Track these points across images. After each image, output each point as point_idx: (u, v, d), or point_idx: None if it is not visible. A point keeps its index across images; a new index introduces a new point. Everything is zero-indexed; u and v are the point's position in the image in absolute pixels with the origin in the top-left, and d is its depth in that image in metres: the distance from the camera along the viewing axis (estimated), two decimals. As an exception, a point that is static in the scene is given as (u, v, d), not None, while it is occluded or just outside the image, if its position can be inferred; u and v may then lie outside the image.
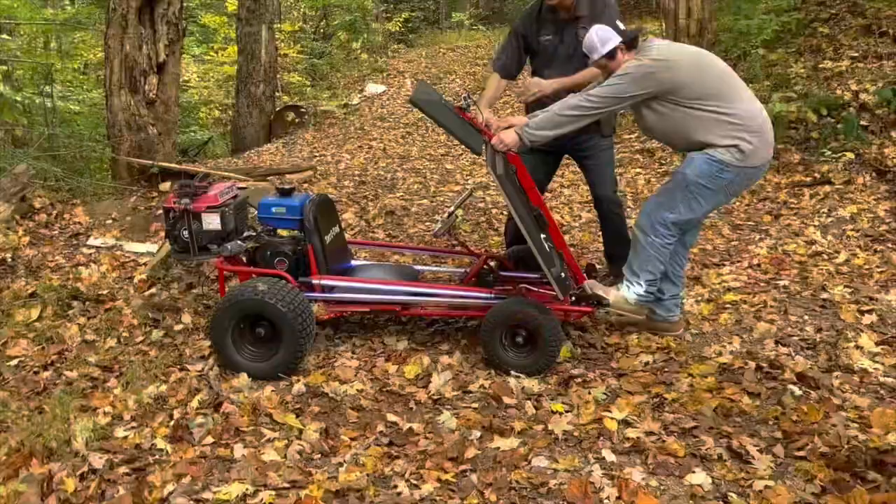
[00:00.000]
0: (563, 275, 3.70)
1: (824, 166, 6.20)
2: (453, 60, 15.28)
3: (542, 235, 3.69)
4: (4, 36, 11.91)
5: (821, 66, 7.30)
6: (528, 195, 3.75)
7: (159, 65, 6.57)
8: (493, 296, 3.88)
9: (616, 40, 3.53)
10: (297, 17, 20.12)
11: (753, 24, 7.87)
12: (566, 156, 4.62)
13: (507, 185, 3.59)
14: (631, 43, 3.58)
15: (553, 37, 4.22)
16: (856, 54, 7.27)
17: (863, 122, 6.36)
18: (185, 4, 7.20)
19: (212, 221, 3.96)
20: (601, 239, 5.56)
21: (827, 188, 5.97)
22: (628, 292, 3.80)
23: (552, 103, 3.76)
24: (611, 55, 3.55)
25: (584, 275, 3.94)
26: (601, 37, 3.54)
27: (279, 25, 14.73)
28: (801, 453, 2.88)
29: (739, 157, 3.47)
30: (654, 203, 3.73)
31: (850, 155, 6.17)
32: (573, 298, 3.84)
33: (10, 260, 5.18)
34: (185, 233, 3.97)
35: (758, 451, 2.92)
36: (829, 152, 6.31)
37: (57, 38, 13.54)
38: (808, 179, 6.17)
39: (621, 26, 3.59)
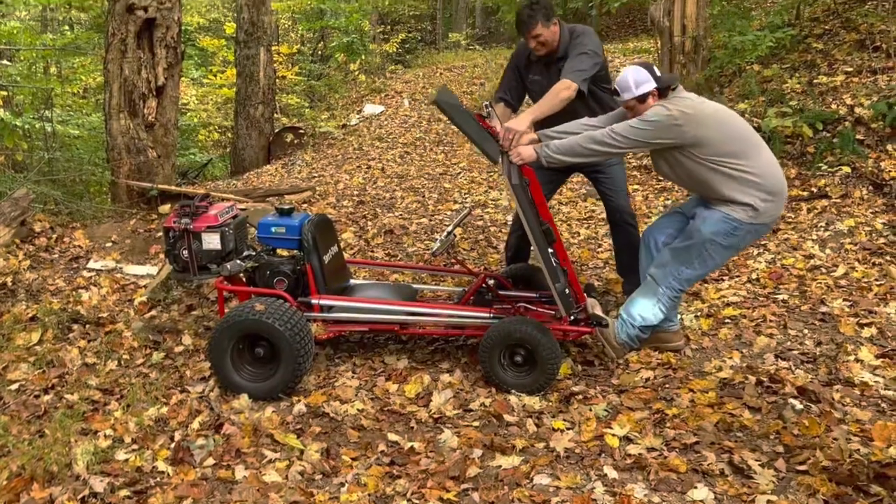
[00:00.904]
0: (566, 291, 3.72)
1: (821, 180, 6.22)
2: (450, 80, 15.35)
3: (550, 250, 3.72)
4: (4, 62, 11.98)
5: (815, 81, 7.34)
6: (538, 209, 3.78)
7: (158, 88, 6.62)
8: (491, 315, 3.88)
9: (650, 85, 3.59)
10: (294, 39, 20.30)
11: (748, 41, 7.90)
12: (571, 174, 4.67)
13: (522, 195, 3.63)
14: (663, 91, 3.64)
15: (541, 77, 4.32)
16: (850, 69, 7.31)
17: (858, 136, 6.39)
18: (183, 28, 7.25)
19: (212, 241, 3.98)
20: (600, 256, 5.60)
21: (824, 202, 5.99)
22: (620, 330, 3.88)
23: (554, 122, 3.90)
24: (642, 98, 3.62)
25: (585, 294, 3.96)
26: (636, 79, 3.60)
27: (277, 48, 14.83)
28: (803, 467, 2.88)
29: (753, 214, 3.57)
30: (670, 256, 3.81)
31: (847, 169, 6.20)
32: (572, 318, 3.84)
33: (10, 284, 5.19)
34: (185, 252, 4.00)
35: (759, 465, 2.92)
36: (826, 166, 6.34)
37: (57, 63, 13.64)
38: (806, 194, 6.19)
39: (657, 72, 3.65)
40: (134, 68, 6.45)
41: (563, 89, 3.93)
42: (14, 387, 3.95)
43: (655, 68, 3.67)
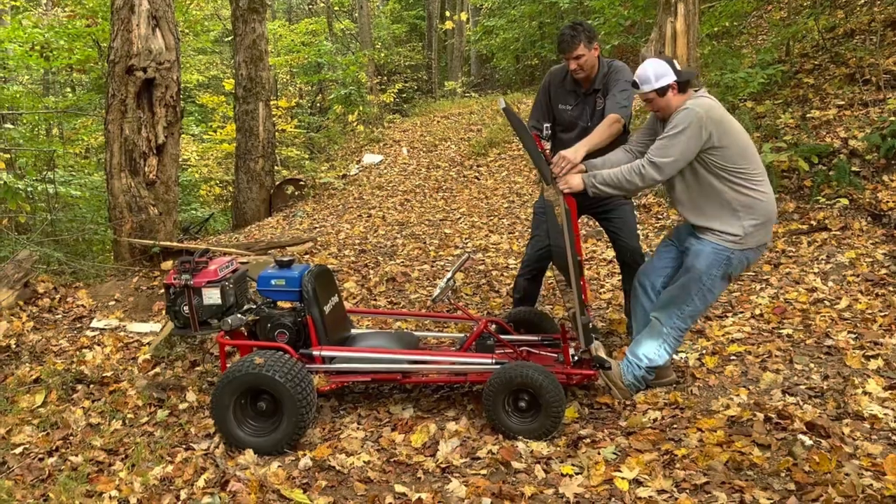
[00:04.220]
0: (590, 325, 3.72)
1: (820, 213, 6.24)
2: (447, 127, 15.52)
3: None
4: (7, 125, 12.15)
5: (808, 115, 7.41)
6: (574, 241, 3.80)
7: (158, 146, 6.69)
8: (493, 361, 3.87)
9: (670, 78, 3.60)
10: (293, 92, 20.58)
11: (740, 78, 8.00)
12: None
13: (569, 220, 3.64)
14: (683, 85, 3.65)
15: (573, 108, 4.36)
16: (842, 102, 7.40)
17: (854, 168, 6.43)
18: (182, 86, 7.36)
19: (212, 296, 3.99)
20: (602, 296, 5.59)
21: (824, 235, 6.00)
22: (626, 371, 3.86)
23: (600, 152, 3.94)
24: (661, 91, 3.63)
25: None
26: (656, 71, 3.61)
27: (276, 102, 15.03)
28: (816, 505, 2.84)
29: (741, 241, 3.63)
30: (670, 298, 3.83)
31: (845, 201, 6.22)
32: (575, 360, 3.83)
33: (13, 346, 5.19)
34: (186, 308, 4.00)
35: (772, 504, 2.88)
36: (824, 199, 6.37)
37: (59, 125, 13.82)
38: (805, 227, 6.21)
39: (677, 66, 3.66)
40: (134, 128, 6.53)
41: (615, 122, 4.04)
42: (18, 450, 3.92)
43: (675, 62, 3.68)
